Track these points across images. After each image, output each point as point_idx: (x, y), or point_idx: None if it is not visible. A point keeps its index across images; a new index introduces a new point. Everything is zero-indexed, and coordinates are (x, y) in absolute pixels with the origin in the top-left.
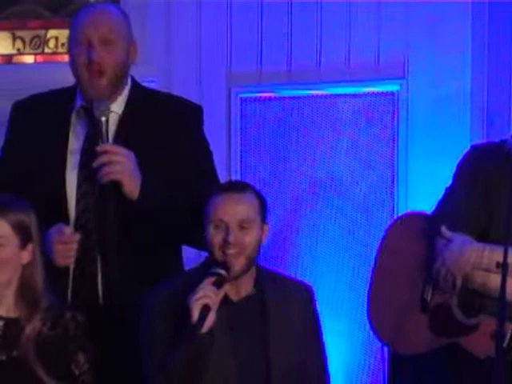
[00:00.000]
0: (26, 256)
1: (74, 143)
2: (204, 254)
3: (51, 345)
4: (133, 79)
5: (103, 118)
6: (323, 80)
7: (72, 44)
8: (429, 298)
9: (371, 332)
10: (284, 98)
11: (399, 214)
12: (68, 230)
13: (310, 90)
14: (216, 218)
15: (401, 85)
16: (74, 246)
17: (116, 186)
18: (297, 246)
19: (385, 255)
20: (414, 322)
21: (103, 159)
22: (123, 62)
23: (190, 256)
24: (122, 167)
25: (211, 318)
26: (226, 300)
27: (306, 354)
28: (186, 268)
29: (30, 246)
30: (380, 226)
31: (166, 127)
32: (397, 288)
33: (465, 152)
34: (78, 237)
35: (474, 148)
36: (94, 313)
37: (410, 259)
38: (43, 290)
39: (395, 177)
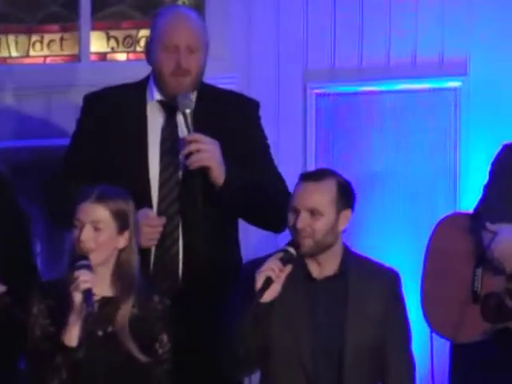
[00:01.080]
0: (122, 241)
1: (152, 134)
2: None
3: (140, 325)
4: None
5: (187, 110)
6: (392, 76)
7: (157, 46)
8: (479, 290)
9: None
10: (355, 93)
11: (457, 211)
12: (153, 214)
13: (379, 85)
14: (292, 203)
15: (463, 81)
16: (159, 230)
17: (203, 172)
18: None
19: (433, 255)
20: (469, 313)
21: (193, 147)
22: (204, 64)
23: None
24: (210, 154)
25: (274, 290)
26: (308, 277)
27: (386, 337)
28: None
29: (126, 233)
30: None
31: (231, 120)
32: (449, 285)
33: (498, 151)
34: (163, 221)
35: (506, 146)
36: (173, 294)
37: (458, 256)
38: (137, 274)
39: (457, 170)
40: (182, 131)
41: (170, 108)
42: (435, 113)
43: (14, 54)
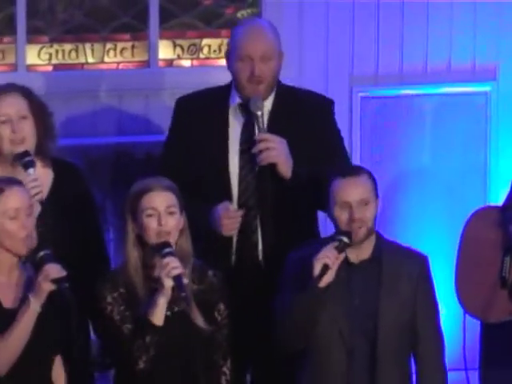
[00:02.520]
0: (182, 222)
1: (233, 134)
2: None
3: (200, 298)
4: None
5: (259, 112)
6: (428, 81)
7: (234, 56)
8: (507, 276)
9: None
10: (396, 96)
11: (487, 204)
12: (232, 207)
13: (418, 89)
14: (340, 199)
15: (492, 86)
16: (238, 220)
17: (272, 167)
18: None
19: (467, 244)
20: (498, 296)
21: (262, 146)
22: (277, 71)
23: None
24: (278, 152)
25: (329, 277)
26: (347, 262)
27: (417, 317)
28: None
29: (183, 214)
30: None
31: (307, 118)
32: (480, 271)
33: None
34: (241, 213)
35: None
36: (254, 273)
37: (488, 245)
38: (192, 252)
39: (487, 167)
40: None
41: (248, 111)
42: (467, 115)
43: (91, 60)
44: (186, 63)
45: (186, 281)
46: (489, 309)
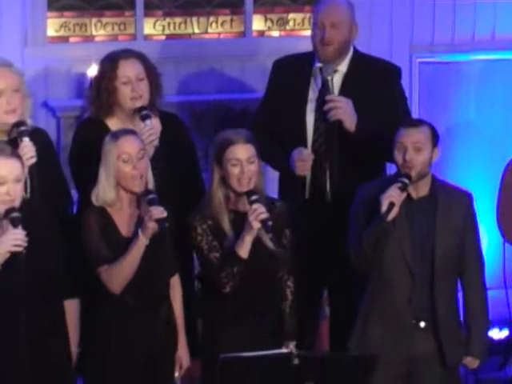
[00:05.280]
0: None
1: (312, 94)
2: None
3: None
4: (354, 47)
5: (329, 77)
6: (476, 49)
7: (313, 24)
8: None
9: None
10: (448, 62)
11: None
12: (306, 151)
13: (467, 56)
14: (398, 143)
15: None
16: (310, 163)
17: (339, 123)
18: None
19: (506, 184)
20: None
21: (331, 105)
22: (347, 38)
23: None
24: (344, 110)
25: (394, 212)
26: (408, 198)
27: (465, 243)
28: None
29: (259, 160)
30: None
31: (377, 80)
32: None
33: None
34: (312, 156)
35: None
36: (322, 208)
37: None
38: (263, 189)
39: None
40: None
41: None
42: (508, 78)
43: (197, 31)
44: (275, 34)
45: (270, 223)
46: None
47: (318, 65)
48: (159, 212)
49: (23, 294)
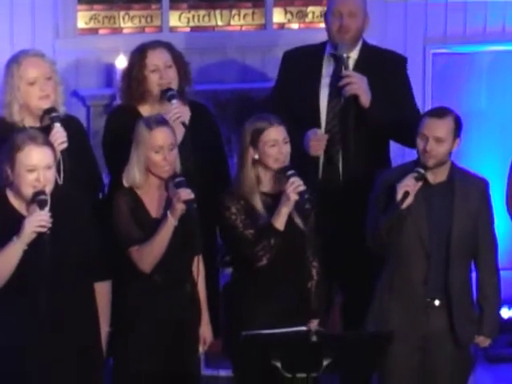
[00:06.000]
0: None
1: (324, 75)
2: None
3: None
4: (362, 38)
5: (345, 55)
6: (487, 41)
7: (329, 13)
8: None
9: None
10: (460, 53)
11: None
12: (320, 131)
13: (478, 47)
14: (421, 133)
15: None
16: (323, 143)
17: (355, 98)
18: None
19: None
20: None
21: (347, 80)
22: (360, 27)
23: None
24: (359, 85)
25: (409, 200)
26: (426, 183)
27: (479, 227)
28: None
29: None
30: None
31: (385, 70)
32: None
33: None
34: (326, 137)
35: None
36: (335, 188)
37: None
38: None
39: None
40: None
41: (337, 58)
42: None
43: (220, 23)
44: (295, 26)
45: (307, 196)
46: None
47: (330, 51)
48: (187, 194)
49: (47, 275)
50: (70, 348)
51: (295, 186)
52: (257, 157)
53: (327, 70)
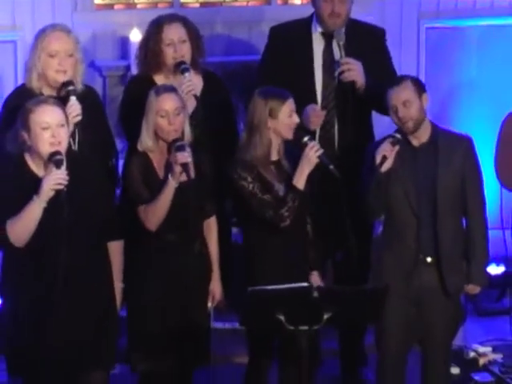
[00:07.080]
0: None
1: (316, 55)
2: None
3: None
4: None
5: (341, 42)
6: (476, 15)
7: None
8: None
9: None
10: (452, 27)
11: None
12: (318, 107)
13: (469, 22)
14: (389, 104)
15: None
16: (322, 118)
17: (352, 83)
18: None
19: (504, 135)
20: None
21: (345, 67)
22: (349, 10)
23: None
24: (356, 72)
25: (388, 164)
26: (411, 146)
27: (466, 184)
28: None
29: None
30: None
31: (368, 42)
32: None
33: None
34: (324, 113)
35: None
36: (332, 157)
37: None
38: None
39: None
40: (336, 55)
41: (328, 38)
42: (506, 42)
43: None
44: (297, 1)
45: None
46: None
47: (320, 30)
48: (184, 157)
49: (65, 231)
50: (85, 302)
51: (315, 150)
52: (272, 127)
53: (317, 48)
